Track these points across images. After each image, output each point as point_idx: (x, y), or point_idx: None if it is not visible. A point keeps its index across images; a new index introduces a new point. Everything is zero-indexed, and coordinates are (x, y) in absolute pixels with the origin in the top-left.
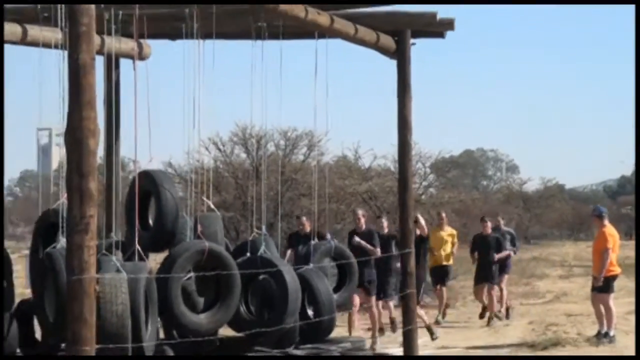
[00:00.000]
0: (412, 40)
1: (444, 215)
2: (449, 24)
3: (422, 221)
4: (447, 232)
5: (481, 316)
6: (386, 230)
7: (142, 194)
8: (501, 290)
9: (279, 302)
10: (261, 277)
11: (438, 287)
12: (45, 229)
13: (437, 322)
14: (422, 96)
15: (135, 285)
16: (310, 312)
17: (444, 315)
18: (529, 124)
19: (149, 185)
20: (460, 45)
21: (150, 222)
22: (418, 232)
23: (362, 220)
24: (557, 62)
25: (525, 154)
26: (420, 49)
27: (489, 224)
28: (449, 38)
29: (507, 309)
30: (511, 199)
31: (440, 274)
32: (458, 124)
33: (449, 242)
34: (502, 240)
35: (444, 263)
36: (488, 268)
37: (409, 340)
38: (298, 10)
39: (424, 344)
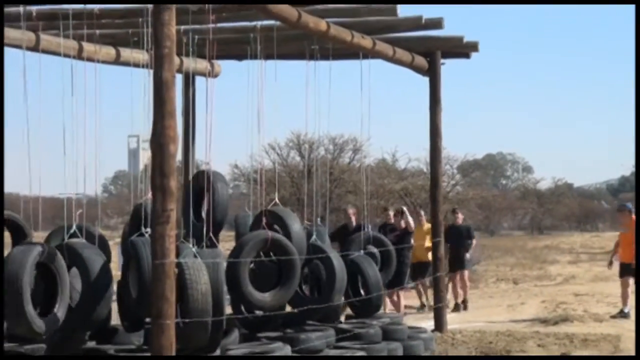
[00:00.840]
0: (442, 60)
1: (422, 212)
2: (473, 46)
3: (408, 215)
4: (426, 227)
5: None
6: (403, 226)
7: (199, 190)
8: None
9: (327, 284)
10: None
11: (418, 282)
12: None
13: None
14: (450, 107)
15: (215, 268)
16: (362, 292)
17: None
18: (542, 131)
19: (203, 182)
20: (484, 63)
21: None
22: (403, 224)
23: (353, 218)
24: (563, 72)
25: (539, 156)
26: (448, 66)
27: (460, 215)
28: (473, 58)
29: (464, 301)
30: (526, 195)
31: (421, 270)
32: (481, 131)
33: (427, 238)
34: (472, 229)
35: (424, 260)
36: (461, 255)
37: (439, 316)
38: (345, 34)
39: (452, 319)
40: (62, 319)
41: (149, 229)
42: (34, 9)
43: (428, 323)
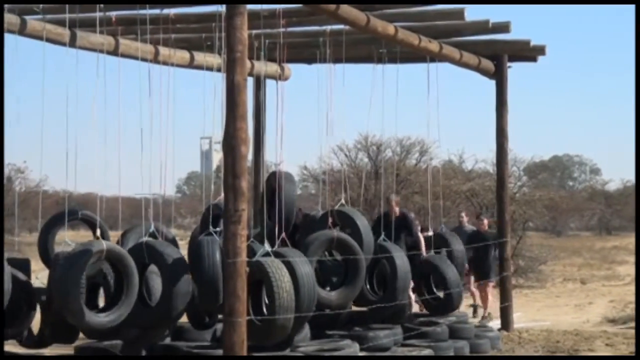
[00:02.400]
0: (508, 64)
1: (484, 219)
2: (540, 50)
3: (394, 202)
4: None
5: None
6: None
7: (271, 191)
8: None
9: (390, 283)
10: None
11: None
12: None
13: None
14: (517, 109)
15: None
16: (440, 293)
17: None
18: (611, 132)
19: (274, 183)
20: (551, 64)
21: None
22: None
23: (396, 207)
24: (629, 73)
25: (607, 158)
26: (515, 67)
27: (486, 221)
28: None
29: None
30: (594, 196)
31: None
32: (548, 133)
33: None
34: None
35: None
36: (486, 266)
37: (505, 314)
38: (412, 38)
39: (518, 318)
40: (124, 316)
41: (218, 228)
42: (113, 14)
43: (494, 322)
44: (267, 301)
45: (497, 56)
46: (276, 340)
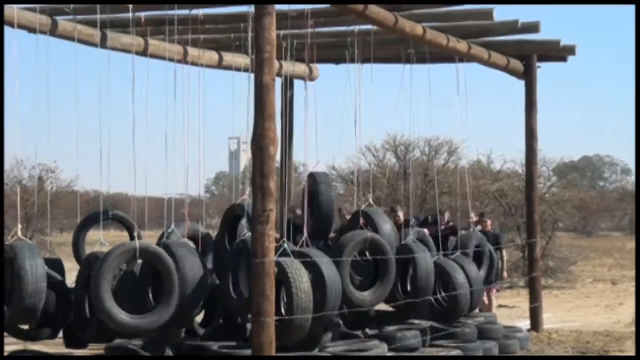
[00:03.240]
0: (537, 64)
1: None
2: (570, 50)
3: (345, 212)
4: None
5: None
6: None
7: (309, 192)
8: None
9: (412, 283)
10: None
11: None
12: (230, 221)
13: None
14: (546, 109)
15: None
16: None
17: None
18: None
19: (312, 184)
20: (581, 64)
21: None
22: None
23: (401, 215)
24: None
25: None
26: (544, 67)
27: (489, 221)
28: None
29: None
30: (625, 197)
31: None
32: (578, 133)
33: None
34: (500, 236)
35: None
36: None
37: (535, 315)
38: (440, 38)
39: (547, 319)
40: (163, 316)
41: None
42: (142, 15)
43: (524, 322)
44: (284, 301)
45: (526, 56)
46: (294, 341)
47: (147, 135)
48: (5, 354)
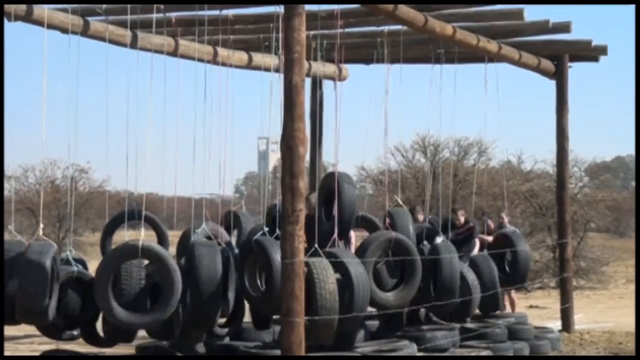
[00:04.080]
0: (569, 64)
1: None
2: (602, 50)
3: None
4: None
5: None
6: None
7: (328, 191)
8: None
9: (437, 284)
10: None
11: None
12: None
13: None
14: (577, 109)
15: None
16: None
17: None
18: None
19: (333, 184)
20: (614, 63)
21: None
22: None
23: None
24: None
25: None
26: (575, 67)
27: (506, 219)
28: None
29: None
30: None
31: None
32: (610, 134)
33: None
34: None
35: None
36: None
37: (566, 316)
38: (471, 38)
39: (579, 320)
40: (160, 316)
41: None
42: (173, 15)
43: (555, 323)
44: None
45: (558, 56)
46: (319, 341)
47: (177, 135)
48: (38, 353)
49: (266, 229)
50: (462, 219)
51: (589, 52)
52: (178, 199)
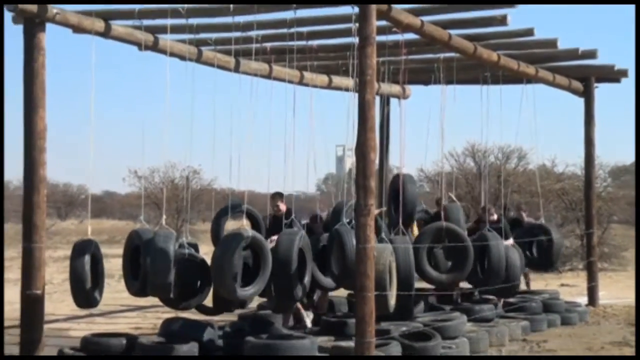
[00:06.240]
0: (595, 85)
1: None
2: (623, 73)
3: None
4: None
5: None
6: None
7: (395, 190)
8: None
9: (487, 267)
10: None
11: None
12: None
13: None
14: (602, 121)
15: (405, 251)
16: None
17: None
18: None
19: (398, 183)
20: (632, 85)
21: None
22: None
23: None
24: None
25: None
26: (601, 88)
27: (524, 214)
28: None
29: None
30: None
31: None
32: (629, 142)
33: None
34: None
35: None
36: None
37: (592, 292)
38: (512, 64)
39: (603, 296)
40: (260, 290)
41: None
42: (268, 45)
43: (582, 299)
44: None
45: (586, 78)
46: (380, 312)
47: (270, 142)
48: (160, 321)
49: (346, 220)
50: (496, 216)
51: (612, 75)
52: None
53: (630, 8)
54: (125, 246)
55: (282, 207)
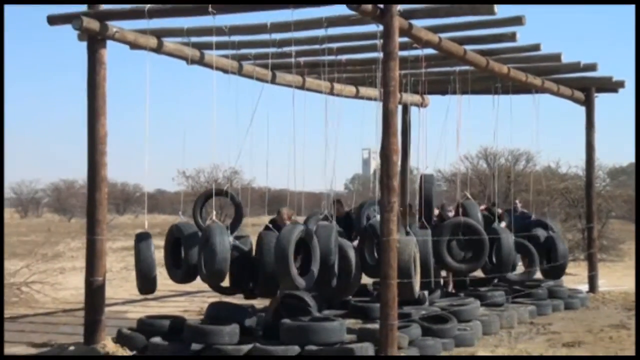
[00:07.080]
0: (595, 94)
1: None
2: (620, 84)
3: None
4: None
5: None
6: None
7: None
8: None
9: (498, 258)
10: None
11: None
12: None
13: None
14: (601, 127)
15: (424, 243)
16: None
17: None
18: None
19: (420, 183)
20: (630, 94)
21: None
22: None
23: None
24: None
25: None
26: (601, 97)
27: (519, 205)
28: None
29: None
30: None
31: None
32: (627, 146)
33: None
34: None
35: None
36: None
37: (592, 281)
38: (521, 76)
39: (602, 284)
40: (314, 278)
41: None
42: (301, 60)
43: (583, 286)
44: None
45: (587, 89)
46: (403, 297)
47: (304, 146)
48: (205, 304)
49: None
50: (454, 212)
51: (611, 86)
52: (305, 194)
53: (630, 16)
54: (166, 239)
55: (341, 209)
